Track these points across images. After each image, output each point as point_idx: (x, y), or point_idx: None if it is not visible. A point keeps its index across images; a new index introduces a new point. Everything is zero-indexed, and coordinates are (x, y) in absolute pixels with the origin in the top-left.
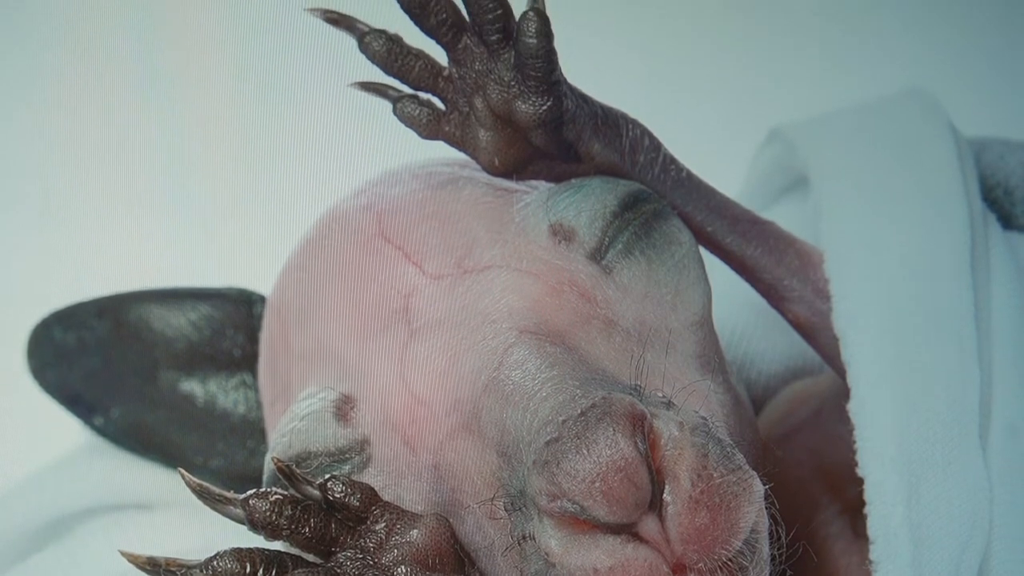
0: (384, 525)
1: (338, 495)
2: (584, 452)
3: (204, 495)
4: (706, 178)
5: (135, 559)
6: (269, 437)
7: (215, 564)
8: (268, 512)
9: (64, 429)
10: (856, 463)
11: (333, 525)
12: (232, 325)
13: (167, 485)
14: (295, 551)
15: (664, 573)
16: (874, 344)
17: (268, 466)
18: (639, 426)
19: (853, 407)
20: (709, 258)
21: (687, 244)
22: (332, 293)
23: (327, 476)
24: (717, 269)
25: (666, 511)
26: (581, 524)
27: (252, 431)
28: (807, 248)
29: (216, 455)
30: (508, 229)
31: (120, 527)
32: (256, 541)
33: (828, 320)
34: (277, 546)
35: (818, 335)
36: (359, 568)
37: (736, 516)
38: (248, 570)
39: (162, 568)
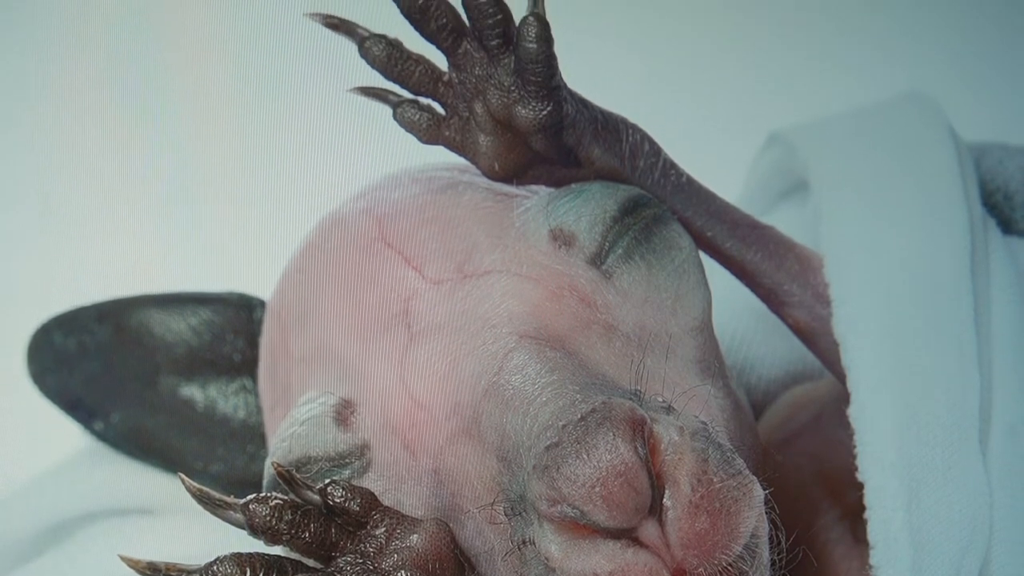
0: (384, 530)
1: (338, 500)
2: (584, 457)
3: (204, 500)
4: (705, 182)
5: (135, 564)
6: (269, 442)
7: (215, 569)
8: (268, 517)
9: (64, 430)
10: (856, 468)
11: (333, 530)
12: (232, 330)
13: (167, 490)
14: (295, 556)
15: None
16: (874, 348)
17: (268, 471)
18: (639, 431)
19: (853, 412)
20: (709, 263)
21: (687, 249)
22: (332, 297)
23: (327, 481)
24: (717, 274)
25: (666, 516)
26: (581, 529)
27: (252, 436)
28: (807, 252)
29: (216, 460)
30: (508, 234)
31: (120, 532)
32: (256, 546)
33: (828, 325)
34: (277, 551)
35: (818, 340)
36: (359, 573)
37: (736, 521)
38: (248, 575)
39: (162, 573)
